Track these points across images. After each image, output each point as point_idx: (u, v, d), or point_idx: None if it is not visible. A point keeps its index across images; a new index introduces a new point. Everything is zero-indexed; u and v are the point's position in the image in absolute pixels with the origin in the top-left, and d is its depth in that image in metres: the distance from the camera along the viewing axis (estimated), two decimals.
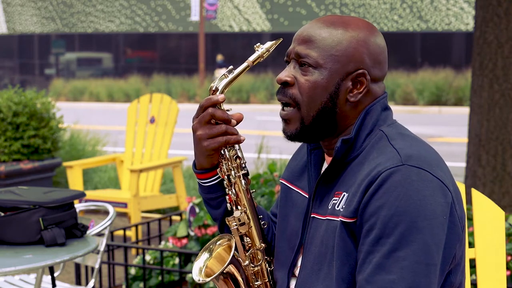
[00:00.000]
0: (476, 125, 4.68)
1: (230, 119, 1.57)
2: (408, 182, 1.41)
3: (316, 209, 1.56)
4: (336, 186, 1.53)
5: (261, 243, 1.63)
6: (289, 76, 1.55)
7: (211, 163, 1.63)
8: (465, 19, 24.19)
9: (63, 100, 24.06)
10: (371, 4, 25.22)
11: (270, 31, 26.54)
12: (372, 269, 1.40)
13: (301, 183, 1.66)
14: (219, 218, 1.72)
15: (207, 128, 1.57)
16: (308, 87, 1.52)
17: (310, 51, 1.52)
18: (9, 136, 5.64)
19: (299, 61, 1.54)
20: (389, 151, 1.46)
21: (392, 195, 1.40)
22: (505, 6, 4.52)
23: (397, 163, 1.42)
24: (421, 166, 1.43)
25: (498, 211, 2.06)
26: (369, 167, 1.46)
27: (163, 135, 5.81)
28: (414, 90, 20.00)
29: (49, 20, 30.52)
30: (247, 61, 1.57)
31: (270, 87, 22.21)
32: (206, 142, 1.57)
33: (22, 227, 2.67)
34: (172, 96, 20.87)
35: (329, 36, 1.52)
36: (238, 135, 1.58)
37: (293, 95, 1.54)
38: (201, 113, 1.57)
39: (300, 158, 1.72)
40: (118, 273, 4.68)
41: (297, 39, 1.56)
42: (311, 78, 1.52)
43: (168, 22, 28.40)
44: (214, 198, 1.69)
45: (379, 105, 1.55)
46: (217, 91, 1.57)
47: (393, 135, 1.50)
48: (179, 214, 4.71)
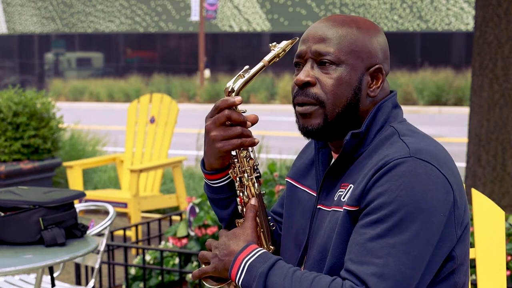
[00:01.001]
0: (476, 125, 4.68)
1: (245, 121, 1.55)
2: (413, 174, 1.41)
3: (322, 201, 1.57)
4: (343, 179, 1.53)
5: (270, 245, 1.62)
6: (310, 76, 1.53)
7: (222, 164, 1.61)
8: (465, 19, 24.19)
9: (63, 100, 24.06)
10: (371, 4, 25.21)
11: (270, 31, 26.53)
12: (360, 250, 1.40)
13: (307, 181, 1.66)
14: (226, 218, 1.71)
15: (222, 129, 1.54)
16: (332, 85, 1.52)
17: (330, 49, 1.52)
18: (9, 136, 5.64)
19: (318, 60, 1.53)
20: (398, 145, 1.47)
21: (395, 184, 1.41)
22: (505, 6, 4.52)
23: (405, 155, 1.43)
24: (429, 160, 1.44)
25: (498, 211, 2.06)
26: (377, 158, 1.47)
27: (163, 135, 5.81)
28: (414, 90, 20.00)
29: (49, 20, 30.52)
30: (262, 61, 1.56)
31: (270, 87, 22.20)
32: (220, 143, 1.55)
33: (22, 227, 2.67)
34: (172, 96, 20.87)
35: (346, 33, 1.53)
36: (252, 137, 1.56)
37: (316, 94, 1.52)
38: (216, 114, 1.55)
39: (306, 157, 1.72)
40: (118, 273, 4.68)
41: (310, 39, 1.55)
42: (334, 75, 1.52)
43: (168, 22, 28.39)
44: (223, 199, 1.67)
45: (390, 102, 1.57)
46: (233, 92, 1.55)
47: (404, 131, 1.52)
48: (179, 214, 4.71)
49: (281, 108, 19.78)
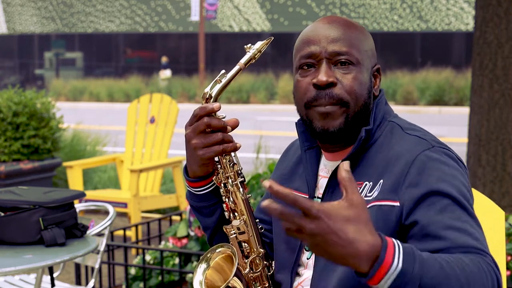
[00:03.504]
0: (476, 125, 4.68)
1: (226, 127, 1.53)
2: (445, 159, 1.47)
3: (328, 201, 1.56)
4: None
5: (260, 248, 1.60)
6: (332, 77, 1.52)
7: (205, 171, 1.59)
8: (465, 19, 24.19)
9: (63, 100, 24.06)
10: (371, 4, 25.21)
11: (270, 31, 26.52)
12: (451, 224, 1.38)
13: (293, 184, 1.66)
14: (211, 226, 1.69)
15: (202, 137, 1.53)
16: (354, 85, 1.53)
17: (348, 49, 1.53)
18: (9, 136, 5.64)
19: (334, 60, 1.53)
20: (412, 139, 1.51)
21: (440, 169, 1.44)
22: (505, 6, 4.52)
23: (428, 146, 1.48)
24: (447, 147, 1.52)
25: (498, 211, 2.06)
26: (394, 153, 1.49)
27: (163, 135, 5.81)
28: (414, 90, 20.00)
29: (49, 20, 30.52)
30: (238, 64, 1.54)
31: (270, 87, 22.20)
32: (202, 151, 1.53)
33: (22, 227, 2.67)
34: (172, 96, 20.87)
35: (356, 35, 1.55)
36: (234, 142, 1.55)
37: (339, 95, 1.52)
38: (195, 122, 1.53)
39: (288, 160, 1.72)
40: (118, 273, 4.68)
41: (323, 40, 1.53)
42: (354, 75, 1.53)
43: (168, 22, 28.40)
44: (207, 206, 1.66)
45: (383, 99, 1.61)
46: (211, 99, 1.54)
47: (405, 124, 1.57)
48: (179, 214, 4.71)
49: (281, 108, 19.78)
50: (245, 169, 7.82)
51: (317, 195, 1.61)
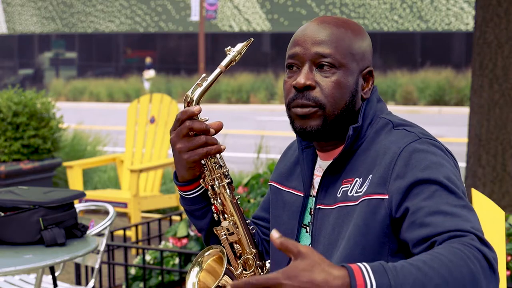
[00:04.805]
0: (476, 125, 4.68)
1: (208, 129, 1.55)
2: (432, 150, 1.48)
3: (321, 200, 1.57)
4: (343, 175, 1.54)
5: (251, 248, 1.61)
6: (310, 79, 1.52)
7: (193, 174, 1.61)
8: (465, 19, 24.19)
9: (63, 100, 24.06)
10: (371, 4, 25.21)
11: (270, 31, 26.53)
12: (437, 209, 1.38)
13: (291, 183, 1.68)
14: (205, 228, 1.71)
15: (186, 141, 1.55)
16: (332, 88, 1.52)
17: (331, 51, 1.52)
18: (9, 136, 5.64)
19: (316, 62, 1.53)
20: (399, 132, 1.52)
21: (427, 159, 1.45)
22: (505, 6, 4.52)
23: (414, 138, 1.49)
24: (435, 139, 1.53)
25: (498, 211, 2.06)
26: (381, 147, 1.50)
27: (163, 135, 5.81)
28: (414, 90, 20.00)
29: (49, 20, 30.51)
30: (219, 67, 1.55)
31: (270, 87, 22.20)
32: (186, 154, 1.55)
33: (22, 227, 2.67)
34: (172, 96, 20.87)
35: (344, 36, 1.54)
36: (218, 144, 1.56)
37: (316, 98, 1.52)
38: (178, 126, 1.56)
39: (288, 159, 1.74)
40: (118, 273, 4.68)
41: (308, 41, 1.54)
42: (334, 78, 1.52)
43: (168, 22, 28.39)
44: (199, 209, 1.67)
45: (374, 96, 1.60)
46: (193, 102, 1.56)
47: (397, 120, 1.57)
48: (179, 214, 4.72)
49: (281, 108, 19.78)
50: (245, 169, 7.82)
51: (312, 194, 1.63)
